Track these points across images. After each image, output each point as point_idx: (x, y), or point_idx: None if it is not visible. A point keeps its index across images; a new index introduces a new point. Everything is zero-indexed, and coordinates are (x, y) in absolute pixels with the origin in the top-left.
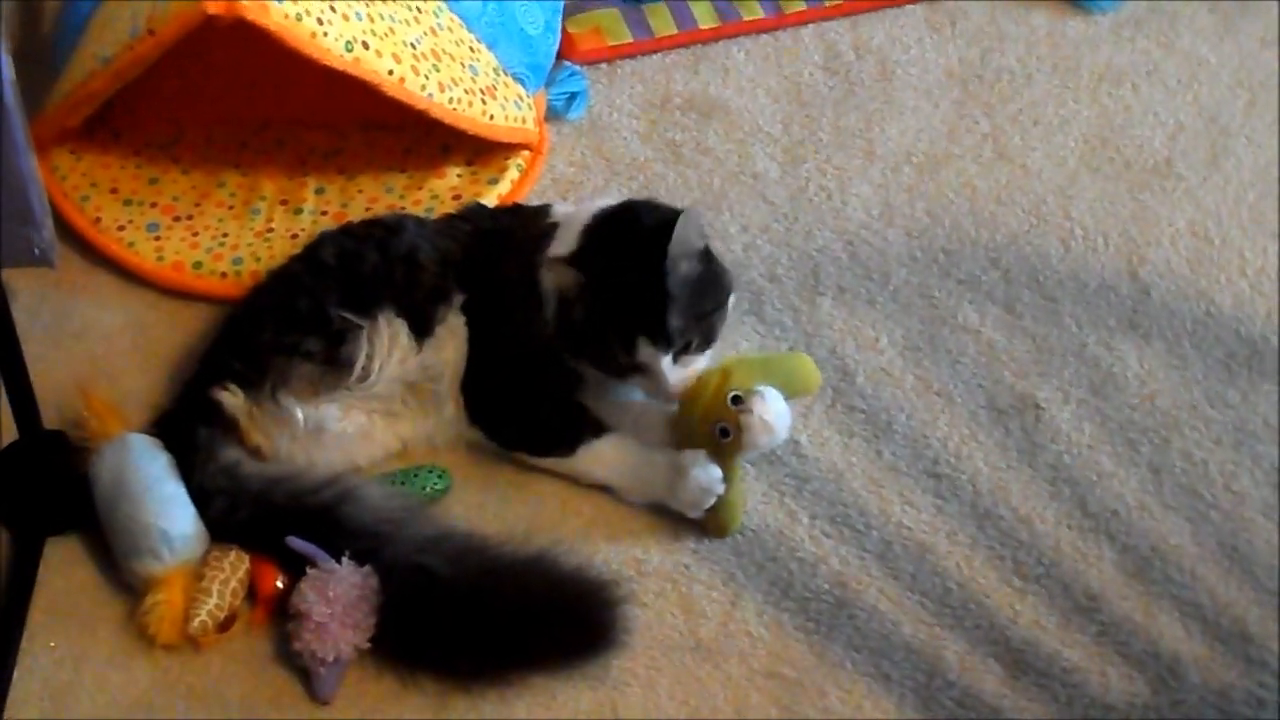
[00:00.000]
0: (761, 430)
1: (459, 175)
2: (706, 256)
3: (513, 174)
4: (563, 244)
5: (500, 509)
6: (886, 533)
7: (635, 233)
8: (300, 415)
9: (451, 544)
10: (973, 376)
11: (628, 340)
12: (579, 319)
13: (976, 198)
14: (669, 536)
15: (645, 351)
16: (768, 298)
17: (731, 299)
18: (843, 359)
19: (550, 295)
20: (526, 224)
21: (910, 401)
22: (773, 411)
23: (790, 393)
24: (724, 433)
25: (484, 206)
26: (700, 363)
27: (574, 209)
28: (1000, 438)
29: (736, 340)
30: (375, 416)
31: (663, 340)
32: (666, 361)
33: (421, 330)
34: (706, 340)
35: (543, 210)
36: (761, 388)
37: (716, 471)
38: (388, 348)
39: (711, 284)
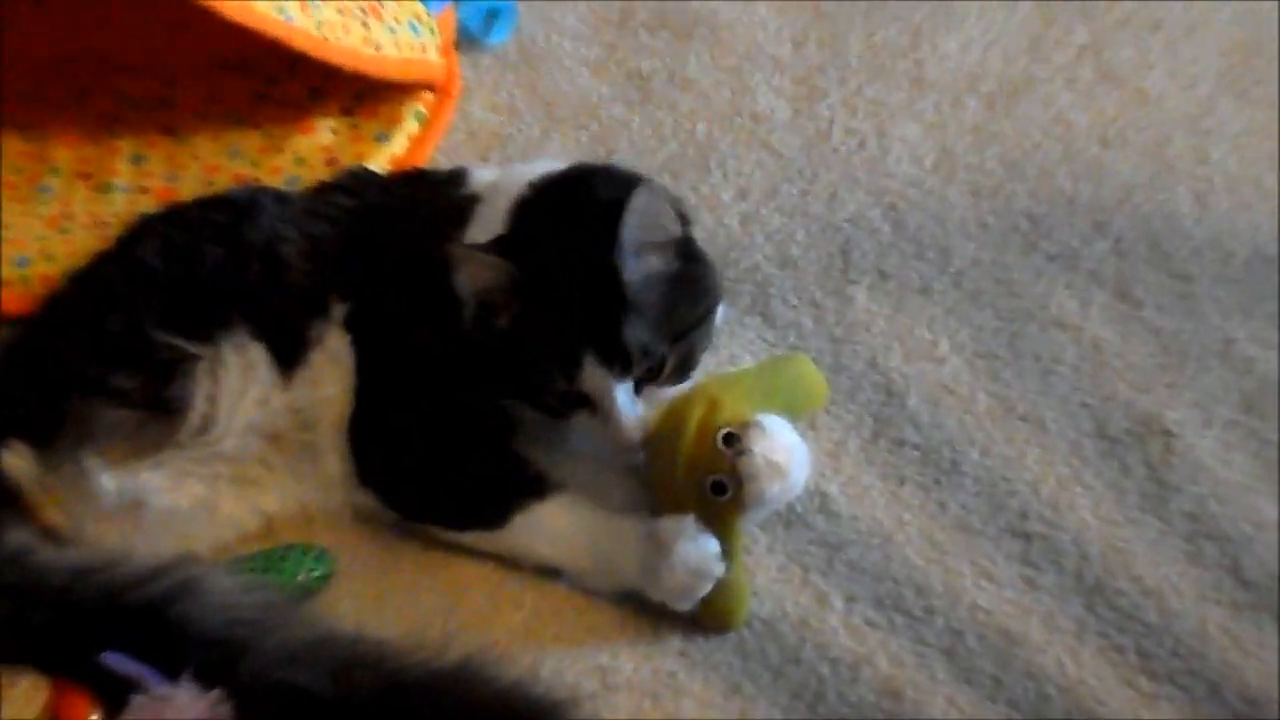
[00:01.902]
0: (770, 478)
1: (334, 130)
2: (685, 250)
3: (410, 126)
4: (485, 226)
5: (405, 602)
6: (955, 618)
7: (586, 211)
8: (109, 485)
9: (336, 653)
10: (1072, 392)
11: (569, 359)
12: (505, 331)
13: (1073, 138)
14: (647, 634)
15: (592, 376)
16: (778, 290)
17: (720, 311)
18: (886, 374)
19: (468, 299)
20: (434, 198)
21: (984, 431)
22: (782, 449)
23: (797, 412)
24: (718, 488)
25: (372, 174)
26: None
27: (501, 176)
28: (1115, 478)
29: (736, 353)
30: (222, 484)
31: (616, 360)
32: (622, 393)
33: (288, 358)
34: (681, 367)
35: (457, 178)
36: (762, 418)
37: (711, 545)
38: (238, 385)
39: (690, 288)
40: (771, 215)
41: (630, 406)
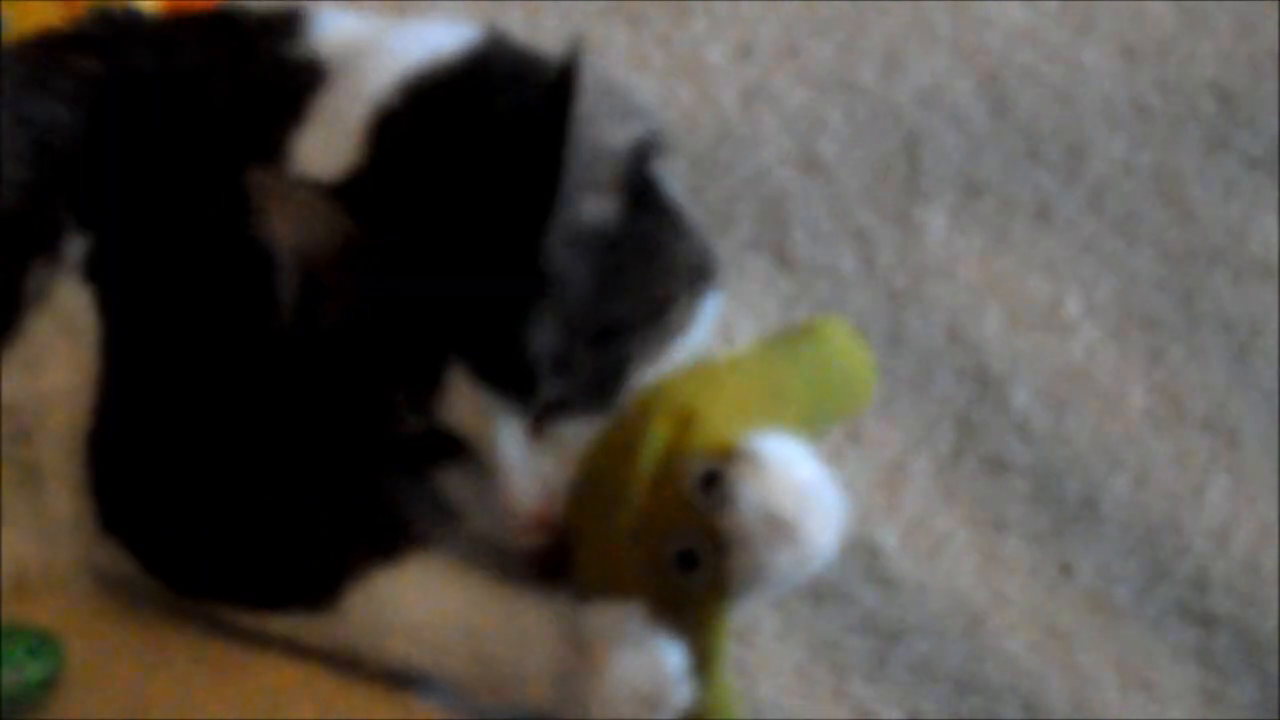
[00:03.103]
0: (771, 544)
1: None
2: (641, 188)
3: None
4: (334, 128)
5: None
6: None
7: (479, 125)
8: None
9: None
10: None
11: (424, 370)
12: (335, 325)
13: None
14: None
15: (463, 403)
16: (800, 211)
17: (706, 297)
18: (977, 352)
19: (286, 265)
20: (245, 63)
21: (1138, 447)
22: (793, 492)
23: (826, 421)
24: (688, 560)
25: (134, 18)
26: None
27: (367, 37)
28: None
29: (731, 315)
30: None
31: (508, 376)
32: (508, 435)
33: None
34: (613, 382)
35: (288, 28)
36: (760, 441)
37: (670, 654)
38: None
39: (645, 253)
40: (791, 87)
41: (523, 457)
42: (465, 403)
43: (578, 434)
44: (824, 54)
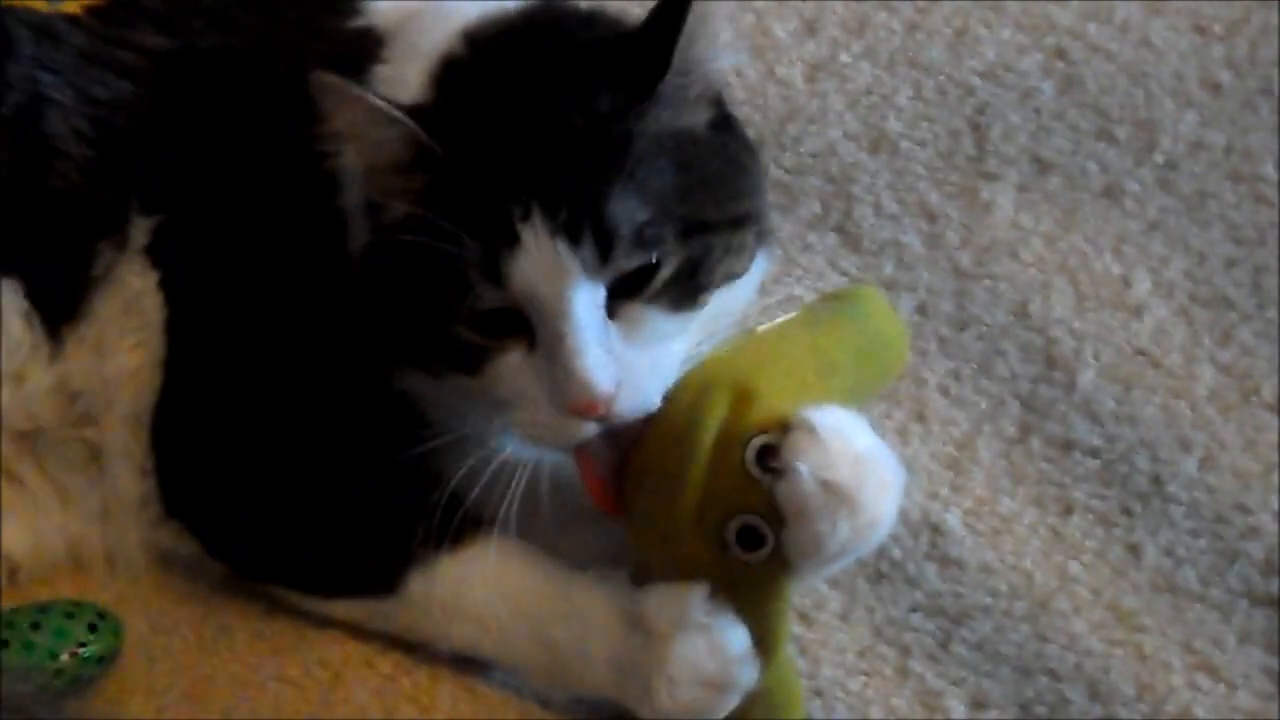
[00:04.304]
0: (830, 514)
1: None
2: (725, 119)
3: None
4: (391, 92)
5: (237, 700)
6: None
7: (557, 53)
8: None
9: None
10: None
11: (502, 226)
12: (397, 224)
13: None
14: None
15: (540, 259)
16: (866, 189)
17: (760, 263)
18: (1044, 330)
19: (352, 183)
20: (305, 36)
21: (1207, 428)
22: (849, 461)
23: (867, 390)
24: (749, 537)
25: None
26: (677, 346)
27: (421, 6)
28: None
29: (795, 291)
30: None
31: (586, 233)
32: (587, 303)
33: (58, 307)
34: (687, 280)
35: (343, 1)
36: (813, 412)
37: (735, 635)
38: None
39: (722, 167)
40: (858, 64)
41: (600, 332)
42: (542, 261)
43: (655, 331)
44: (892, 30)
